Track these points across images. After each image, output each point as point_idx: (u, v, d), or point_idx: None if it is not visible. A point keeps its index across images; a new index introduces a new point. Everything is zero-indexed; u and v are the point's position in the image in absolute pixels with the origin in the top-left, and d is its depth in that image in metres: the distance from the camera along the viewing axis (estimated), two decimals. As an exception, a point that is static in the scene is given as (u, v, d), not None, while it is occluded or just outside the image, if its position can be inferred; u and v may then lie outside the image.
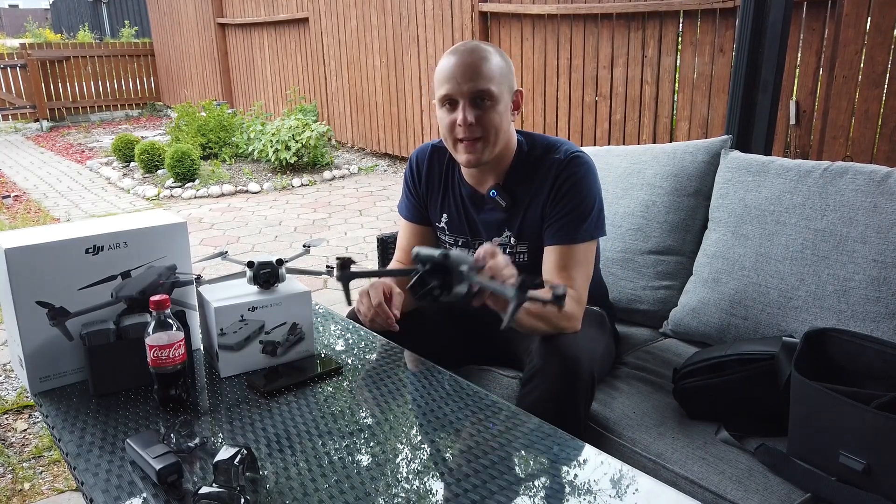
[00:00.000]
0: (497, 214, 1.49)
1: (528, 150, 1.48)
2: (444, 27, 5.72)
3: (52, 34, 18.85)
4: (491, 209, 1.50)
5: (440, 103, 1.41)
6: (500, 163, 1.47)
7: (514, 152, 1.48)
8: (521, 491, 0.95)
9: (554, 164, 1.43)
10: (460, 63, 1.36)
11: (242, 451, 0.93)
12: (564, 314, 1.34)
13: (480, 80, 1.35)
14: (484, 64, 1.36)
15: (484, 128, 1.37)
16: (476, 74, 1.35)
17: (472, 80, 1.35)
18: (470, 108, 1.36)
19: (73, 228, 1.27)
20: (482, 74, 1.35)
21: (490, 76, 1.36)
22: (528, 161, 1.47)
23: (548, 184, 1.43)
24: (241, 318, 1.27)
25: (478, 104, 1.37)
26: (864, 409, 1.09)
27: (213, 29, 9.22)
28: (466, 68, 1.35)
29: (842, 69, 3.40)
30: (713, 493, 1.20)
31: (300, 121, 6.40)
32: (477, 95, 1.36)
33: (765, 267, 1.58)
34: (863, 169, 1.52)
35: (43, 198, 5.86)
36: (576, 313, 1.38)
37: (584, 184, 1.41)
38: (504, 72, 1.39)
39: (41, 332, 1.22)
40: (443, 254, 1.06)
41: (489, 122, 1.37)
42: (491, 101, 1.36)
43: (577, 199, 1.41)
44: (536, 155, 1.46)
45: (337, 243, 4.34)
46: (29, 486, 1.97)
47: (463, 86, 1.35)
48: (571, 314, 1.36)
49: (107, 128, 10.14)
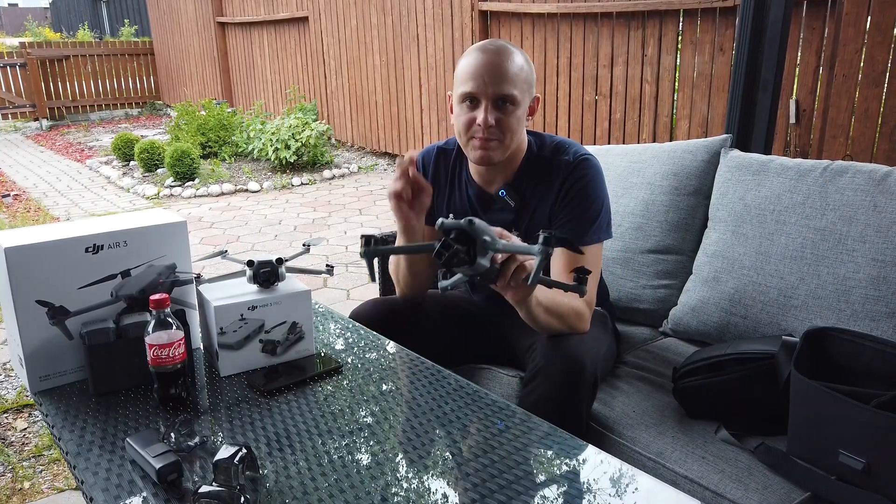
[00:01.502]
0: (504, 215, 1.49)
1: (538, 150, 1.48)
2: (443, 26, 5.72)
3: (51, 33, 18.84)
4: (499, 209, 1.50)
5: (460, 99, 1.39)
6: (509, 164, 1.47)
7: (524, 153, 1.48)
8: (522, 490, 0.95)
9: (562, 166, 1.43)
10: (488, 63, 1.34)
11: (242, 450, 0.93)
12: (577, 313, 1.35)
13: (506, 84, 1.34)
14: (511, 67, 1.35)
15: (502, 131, 1.37)
16: (503, 77, 1.34)
17: (498, 82, 1.34)
18: (492, 110, 1.36)
19: (73, 227, 1.26)
20: (508, 78, 1.34)
21: (515, 80, 1.35)
22: (538, 162, 1.47)
23: (556, 185, 1.43)
24: (240, 318, 1.27)
25: (499, 107, 1.36)
26: (863, 408, 1.09)
27: (213, 28, 9.22)
28: (495, 69, 1.34)
29: (842, 68, 3.40)
30: (713, 492, 1.20)
31: (300, 120, 6.40)
32: (500, 98, 1.35)
33: (764, 266, 1.58)
34: (863, 168, 1.52)
35: (42, 197, 5.86)
36: (586, 315, 1.39)
37: (592, 187, 1.42)
38: (528, 77, 1.39)
39: (41, 332, 1.22)
40: (468, 220, 1.05)
41: (507, 126, 1.37)
42: (513, 106, 1.36)
43: (586, 202, 1.41)
44: (545, 156, 1.47)
45: (337, 242, 4.34)
46: (29, 485, 1.97)
47: (489, 87, 1.34)
48: (583, 314, 1.37)
49: (106, 127, 10.14)
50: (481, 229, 1.06)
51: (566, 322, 1.35)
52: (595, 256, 1.43)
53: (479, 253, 1.06)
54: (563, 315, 1.33)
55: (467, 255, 1.05)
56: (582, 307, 1.37)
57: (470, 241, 1.05)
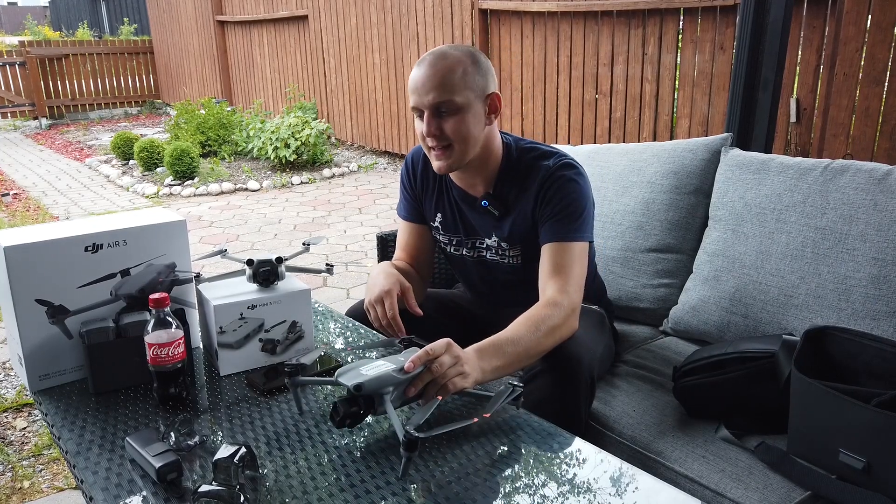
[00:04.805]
0: (489, 219, 1.50)
1: (518, 154, 1.47)
2: (443, 25, 5.71)
3: (50, 32, 18.82)
4: (483, 213, 1.50)
5: (413, 113, 1.42)
6: (484, 167, 1.46)
7: (502, 157, 1.47)
8: (522, 490, 0.95)
9: (542, 169, 1.42)
10: (422, 74, 1.36)
11: (242, 450, 0.93)
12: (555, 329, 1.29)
13: (440, 92, 1.34)
14: (446, 74, 1.34)
15: (450, 136, 1.37)
16: (436, 86, 1.34)
17: (431, 91, 1.34)
18: (432, 119, 1.37)
19: (73, 226, 1.26)
20: (442, 86, 1.34)
21: (451, 87, 1.34)
22: (518, 166, 1.46)
23: (535, 187, 1.42)
24: (240, 317, 1.27)
25: (440, 115, 1.37)
26: (864, 407, 1.09)
27: (213, 26, 9.21)
28: (427, 80, 1.35)
29: (842, 67, 3.40)
30: (713, 491, 1.20)
31: (300, 118, 6.39)
32: (437, 106, 1.36)
33: (765, 265, 1.58)
34: (863, 167, 1.52)
35: (42, 196, 5.86)
36: (570, 321, 1.33)
37: (572, 186, 1.40)
38: (471, 79, 1.36)
39: (40, 331, 1.22)
40: (356, 384, 1.02)
41: (453, 130, 1.36)
42: (454, 111, 1.36)
43: (567, 199, 1.40)
44: (526, 160, 1.46)
45: (336, 241, 4.34)
46: (28, 485, 1.97)
47: (424, 98, 1.36)
48: (564, 324, 1.31)
49: (106, 125, 10.13)
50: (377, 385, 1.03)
51: (543, 350, 1.29)
52: (581, 253, 1.39)
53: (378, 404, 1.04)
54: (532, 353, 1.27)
55: (364, 411, 1.03)
56: (561, 315, 1.30)
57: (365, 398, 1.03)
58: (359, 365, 1.08)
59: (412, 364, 1.07)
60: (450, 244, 1.59)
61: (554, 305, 1.31)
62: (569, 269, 1.37)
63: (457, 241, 1.58)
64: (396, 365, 1.08)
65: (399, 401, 1.07)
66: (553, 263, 1.38)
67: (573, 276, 1.37)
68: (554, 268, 1.37)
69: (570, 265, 1.37)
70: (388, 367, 1.07)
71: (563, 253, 1.38)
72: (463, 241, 1.57)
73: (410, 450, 0.96)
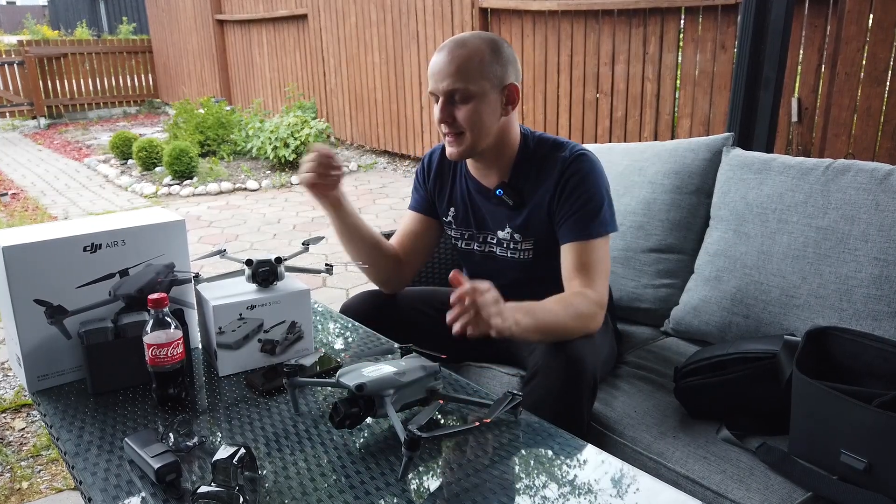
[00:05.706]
0: (503, 209, 1.50)
1: (535, 146, 1.47)
2: (443, 23, 5.71)
3: (49, 31, 18.79)
4: (497, 203, 1.50)
5: (430, 98, 1.43)
6: (500, 157, 1.46)
7: (518, 148, 1.47)
8: (522, 490, 0.94)
9: (559, 161, 1.43)
10: (440, 60, 1.37)
11: (241, 451, 0.93)
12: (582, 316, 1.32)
13: (455, 79, 1.34)
14: (463, 62, 1.35)
15: (462, 124, 1.38)
16: (452, 73, 1.35)
17: (447, 78, 1.35)
18: (446, 105, 1.37)
19: (71, 226, 1.26)
20: (458, 73, 1.34)
21: (467, 75, 1.34)
22: (534, 157, 1.46)
23: (553, 180, 1.42)
24: (239, 317, 1.26)
25: (453, 102, 1.37)
26: (865, 407, 1.08)
27: (212, 25, 9.20)
28: (444, 66, 1.36)
29: (844, 66, 3.40)
30: (714, 492, 1.20)
31: (299, 118, 6.39)
32: (451, 94, 1.36)
33: (766, 265, 1.57)
34: (865, 167, 1.52)
35: (40, 195, 5.85)
36: (597, 315, 1.36)
37: (590, 179, 1.41)
38: (488, 68, 1.36)
39: (39, 331, 1.22)
40: (357, 385, 1.02)
41: (465, 118, 1.37)
42: (467, 100, 1.36)
43: (587, 194, 1.40)
44: (542, 152, 1.46)
45: (336, 241, 4.33)
46: (27, 485, 1.97)
47: (439, 84, 1.37)
48: (586, 315, 1.34)
49: (104, 125, 10.12)
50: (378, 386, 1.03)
51: (568, 332, 1.31)
52: (603, 250, 1.41)
53: (379, 405, 1.03)
54: (559, 330, 1.30)
55: (364, 412, 1.03)
56: (590, 308, 1.34)
57: (366, 399, 1.03)
58: (360, 366, 1.08)
59: (456, 297, 1.09)
60: (461, 238, 1.60)
61: (583, 295, 1.34)
62: (593, 267, 1.39)
63: (468, 236, 1.58)
64: (397, 368, 1.08)
65: (399, 404, 1.07)
66: (577, 262, 1.39)
67: (599, 272, 1.39)
68: (579, 266, 1.39)
69: (595, 262, 1.39)
70: (388, 369, 1.07)
71: (586, 252, 1.39)
72: (474, 236, 1.57)
73: (413, 449, 0.96)
